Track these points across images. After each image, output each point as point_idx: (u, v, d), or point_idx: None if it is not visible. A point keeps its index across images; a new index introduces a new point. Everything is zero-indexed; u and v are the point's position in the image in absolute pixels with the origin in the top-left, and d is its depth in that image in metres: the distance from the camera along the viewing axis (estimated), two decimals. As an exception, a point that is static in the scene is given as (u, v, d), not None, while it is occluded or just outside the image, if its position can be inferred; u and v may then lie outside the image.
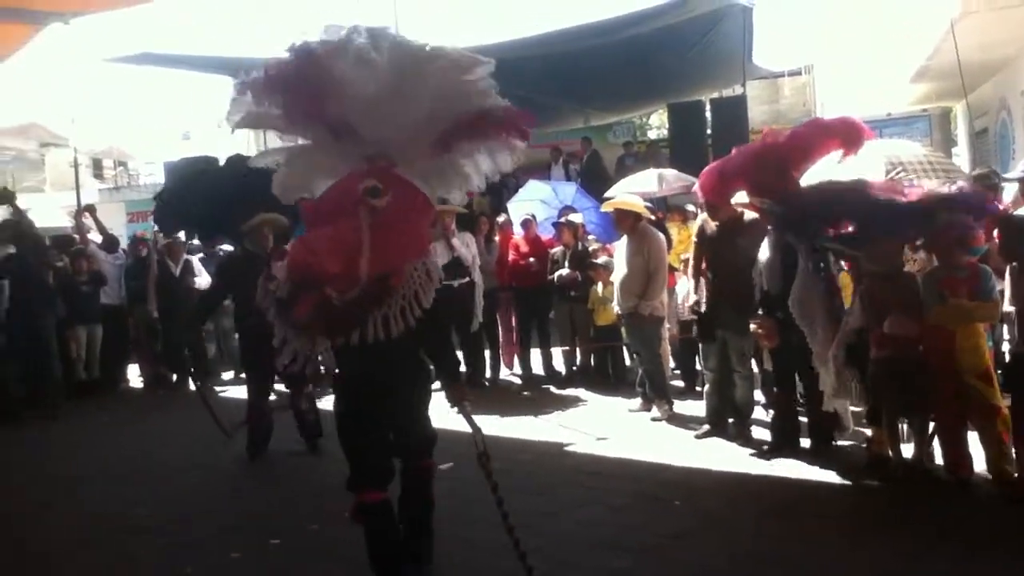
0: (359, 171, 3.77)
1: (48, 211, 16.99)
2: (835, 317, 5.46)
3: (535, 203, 11.07)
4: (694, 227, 7.04)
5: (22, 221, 8.95)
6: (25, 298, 8.52)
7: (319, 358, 4.02)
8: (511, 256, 9.19)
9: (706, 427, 6.50)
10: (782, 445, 5.88)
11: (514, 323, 9.41)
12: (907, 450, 5.28)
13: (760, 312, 5.85)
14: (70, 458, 7.07)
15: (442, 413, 4.36)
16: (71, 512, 5.60)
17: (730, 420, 6.39)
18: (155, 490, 5.95)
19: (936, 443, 5.21)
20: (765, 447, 5.96)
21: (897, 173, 6.04)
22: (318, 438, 6.62)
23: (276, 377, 6.62)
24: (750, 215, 6.21)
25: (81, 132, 27.64)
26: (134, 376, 10.68)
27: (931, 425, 5.18)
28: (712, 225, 6.36)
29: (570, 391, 8.47)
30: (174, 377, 10.21)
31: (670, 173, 11.62)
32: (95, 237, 10.74)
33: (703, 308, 6.41)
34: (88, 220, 10.82)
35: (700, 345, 6.65)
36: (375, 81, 3.68)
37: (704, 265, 6.45)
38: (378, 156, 3.83)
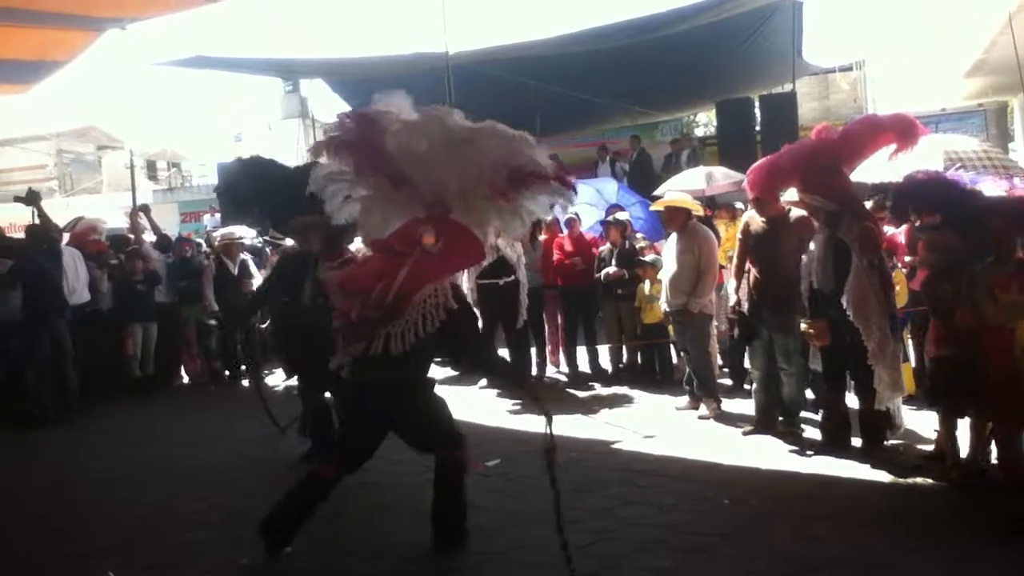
0: (417, 219, 4.34)
1: (105, 212, 17.38)
2: (890, 313, 5.41)
3: (580, 206, 11.04)
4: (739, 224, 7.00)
5: (46, 224, 9.11)
6: (40, 302, 8.40)
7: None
8: (556, 256, 9.21)
9: (754, 425, 6.45)
10: (832, 444, 5.82)
11: (560, 322, 9.42)
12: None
13: (811, 311, 5.80)
14: (127, 453, 7.23)
15: (491, 409, 4.42)
16: (131, 506, 5.72)
17: (779, 419, 6.33)
18: (213, 485, 6.05)
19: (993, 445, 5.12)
20: (815, 446, 5.90)
21: (956, 167, 5.97)
22: None
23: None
24: (796, 212, 6.17)
25: (136, 135, 28.33)
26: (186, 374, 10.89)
27: (988, 426, 5.08)
28: (758, 222, 6.32)
29: (617, 389, 8.46)
30: (227, 374, 10.39)
31: (719, 171, 11.54)
32: (149, 237, 10.97)
33: (744, 307, 6.36)
34: (143, 220, 11.05)
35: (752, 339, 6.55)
36: (430, 146, 4.27)
37: (748, 263, 6.40)
38: (435, 204, 4.37)
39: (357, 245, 6.30)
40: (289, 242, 9.73)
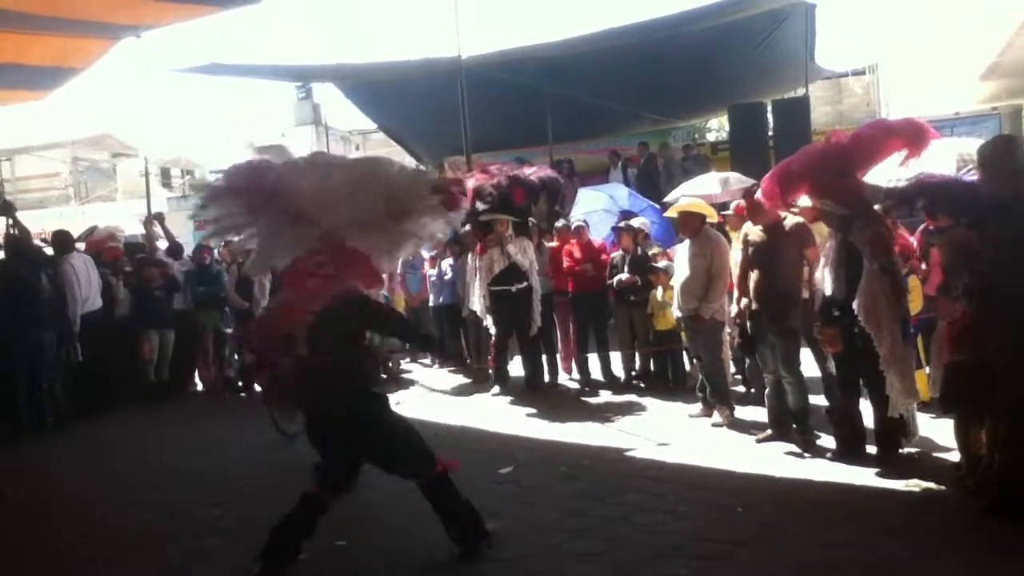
0: (312, 249, 4.51)
1: (120, 219, 17.50)
2: (903, 319, 5.38)
3: (599, 213, 11.05)
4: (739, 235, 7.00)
5: (22, 235, 9.05)
6: (20, 313, 8.32)
7: None
8: (566, 262, 9.21)
9: (768, 432, 6.44)
10: (847, 451, 5.79)
11: (572, 329, 9.41)
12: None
13: (823, 317, 5.79)
14: (141, 458, 7.27)
15: (504, 417, 4.41)
16: (144, 511, 5.76)
17: (793, 426, 6.32)
18: (225, 491, 6.09)
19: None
20: (829, 453, 5.88)
21: (969, 170, 5.93)
22: None
23: None
24: (793, 219, 6.21)
25: (151, 142, 28.50)
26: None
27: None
28: (756, 231, 6.35)
29: (629, 396, 8.44)
30: (240, 383, 10.42)
31: (733, 176, 11.51)
32: (163, 244, 11.04)
33: (746, 319, 6.39)
34: (157, 228, 11.11)
35: (755, 350, 6.55)
36: (326, 180, 4.56)
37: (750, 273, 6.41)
38: (328, 235, 4.52)
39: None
40: None
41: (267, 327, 4.61)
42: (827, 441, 6.08)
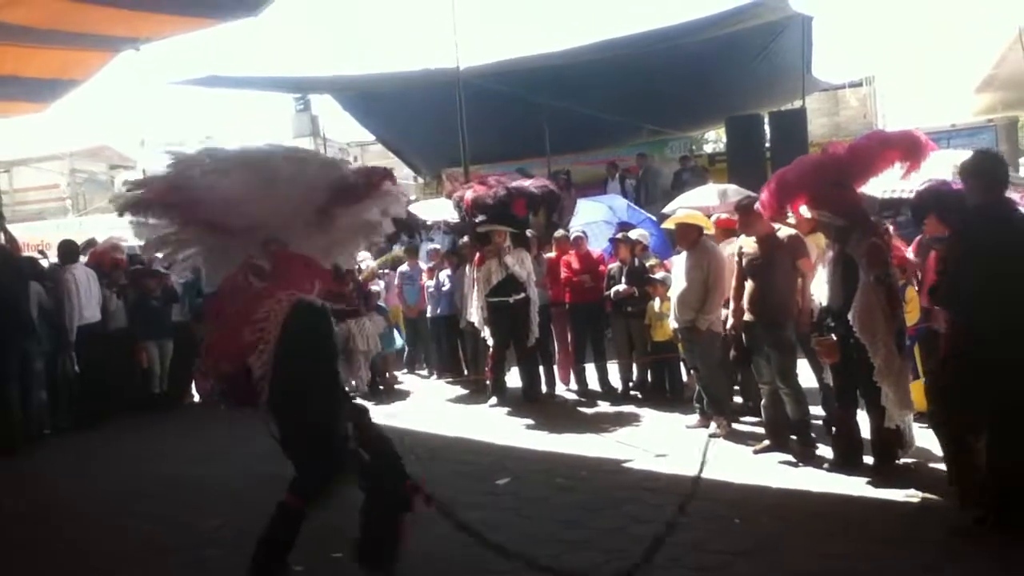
0: (249, 260, 4.35)
1: (117, 231, 17.48)
2: (899, 330, 5.39)
3: (598, 224, 11.06)
4: (730, 248, 7.03)
5: (8, 248, 9.06)
6: (5, 323, 8.24)
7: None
8: (564, 273, 9.22)
9: (765, 443, 6.45)
10: (844, 463, 5.79)
11: (569, 339, 9.42)
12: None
13: (819, 328, 5.81)
14: (140, 469, 7.26)
15: (502, 428, 4.40)
16: (143, 521, 5.75)
17: (792, 437, 6.33)
18: (224, 502, 6.08)
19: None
20: (826, 464, 5.88)
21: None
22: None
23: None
24: (786, 231, 6.24)
25: (148, 154, 28.48)
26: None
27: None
28: (750, 243, 6.40)
29: (627, 407, 8.44)
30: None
31: (732, 188, 11.48)
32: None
33: (740, 331, 6.46)
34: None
35: (751, 361, 6.54)
36: (238, 185, 4.34)
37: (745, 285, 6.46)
38: (270, 240, 4.39)
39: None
40: None
41: (221, 355, 4.34)
42: (825, 452, 6.09)
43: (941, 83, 15.67)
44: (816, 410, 6.57)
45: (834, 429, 6.09)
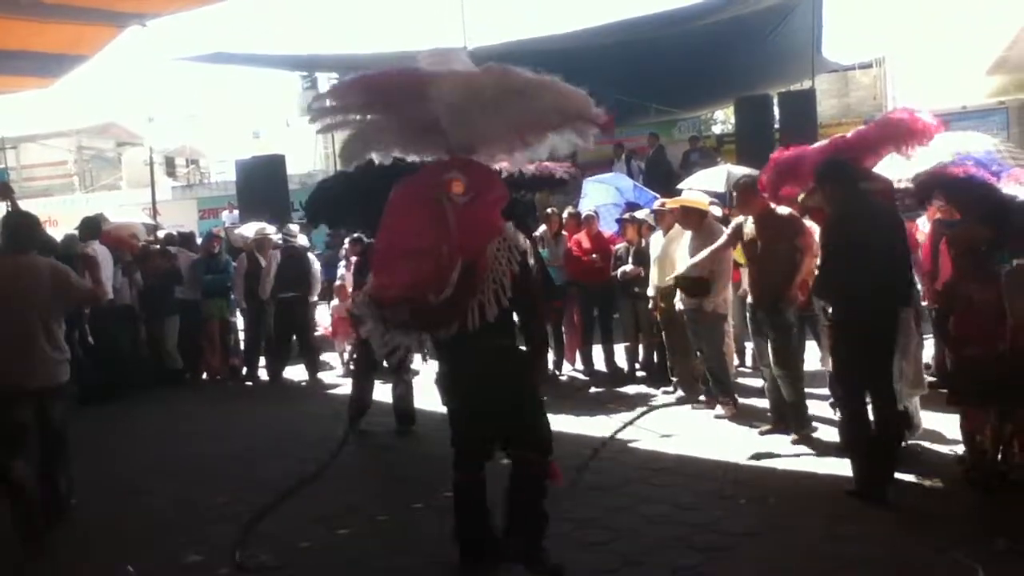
0: (440, 162, 4.01)
1: (125, 208, 17.54)
2: (915, 308, 5.39)
3: (607, 207, 10.97)
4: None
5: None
6: None
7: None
8: (573, 251, 9.19)
9: (770, 424, 6.44)
10: (851, 448, 5.73)
11: (576, 319, 9.41)
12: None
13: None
14: (150, 446, 7.32)
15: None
16: (152, 499, 5.79)
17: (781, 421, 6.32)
18: (233, 479, 6.13)
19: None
20: (832, 449, 5.84)
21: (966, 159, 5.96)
22: (409, 424, 7.18)
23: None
24: (783, 209, 6.16)
25: (155, 131, 28.46)
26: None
27: (1009, 427, 5.03)
28: (748, 224, 6.33)
29: (633, 388, 8.44)
30: (244, 370, 10.44)
31: (739, 170, 11.40)
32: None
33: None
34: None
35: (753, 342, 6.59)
36: (475, 96, 3.84)
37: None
38: (459, 147, 4.02)
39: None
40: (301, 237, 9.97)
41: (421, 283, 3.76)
42: (829, 432, 6.07)
43: (952, 65, 15.58)
44: (823, 390, 6.57)
45: (841, 413, 6.05)
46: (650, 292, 8.08)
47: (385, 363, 6.93)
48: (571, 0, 48.26)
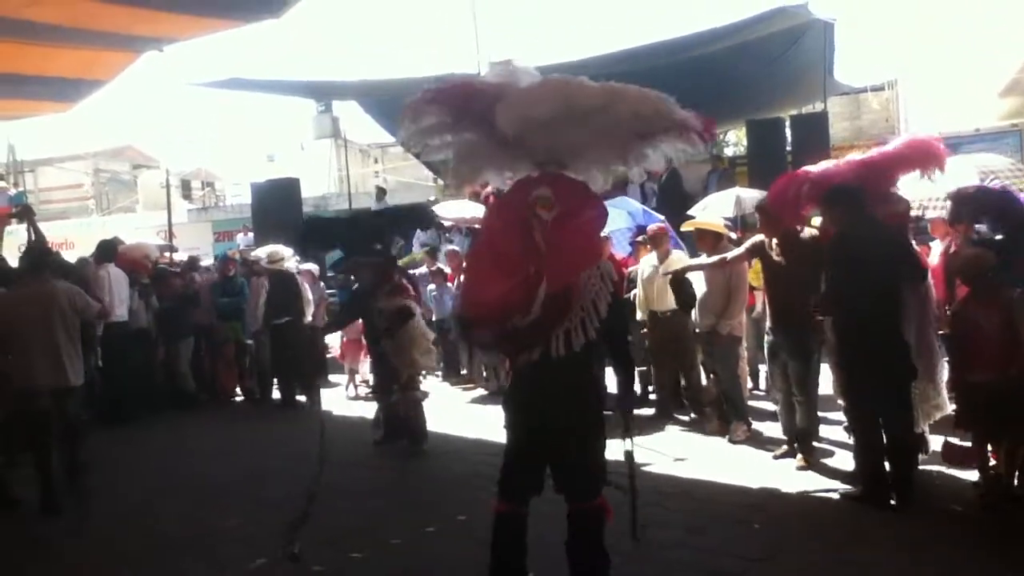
0: (529, 179, 3.87)
1: (141, 231, 17.69)
2: (931, 329, 5.38)
3: (621, 231, 10.91)
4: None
5: (40, 240, 8.96)
6: None
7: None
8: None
9: (784, 448, 6.40)
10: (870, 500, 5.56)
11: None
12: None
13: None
14: (159, 467, 7.33)
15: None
16: (163, 518, 5.80)
17: (794, 446, 6.24)
18: (245, 500, 6.14)
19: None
20: (847, 479, 5.78)
21: (991, 180, 5.96)
22: (421, 443, 7.27)
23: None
24: (808, 231, 6.12)
25: (171, 154, 28.72)
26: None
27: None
28: (771, 244, 6.21)
29: (646, 411, 8.40)
30: (258, 393, 10.46)
31: (748, 195, 11.36)
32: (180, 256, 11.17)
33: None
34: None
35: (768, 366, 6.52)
36: (552, 108, 3.69)
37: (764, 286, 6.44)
38: (549, 162, 3.89)
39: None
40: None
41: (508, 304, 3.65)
42: (843, 459, 6.03)
43: (964, 87, 15.55)
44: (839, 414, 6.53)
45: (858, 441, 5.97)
46: (639, 316, 8.07)
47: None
48: (582, 27, 48.57)
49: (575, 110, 3.69)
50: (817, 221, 6.17)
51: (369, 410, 7.50)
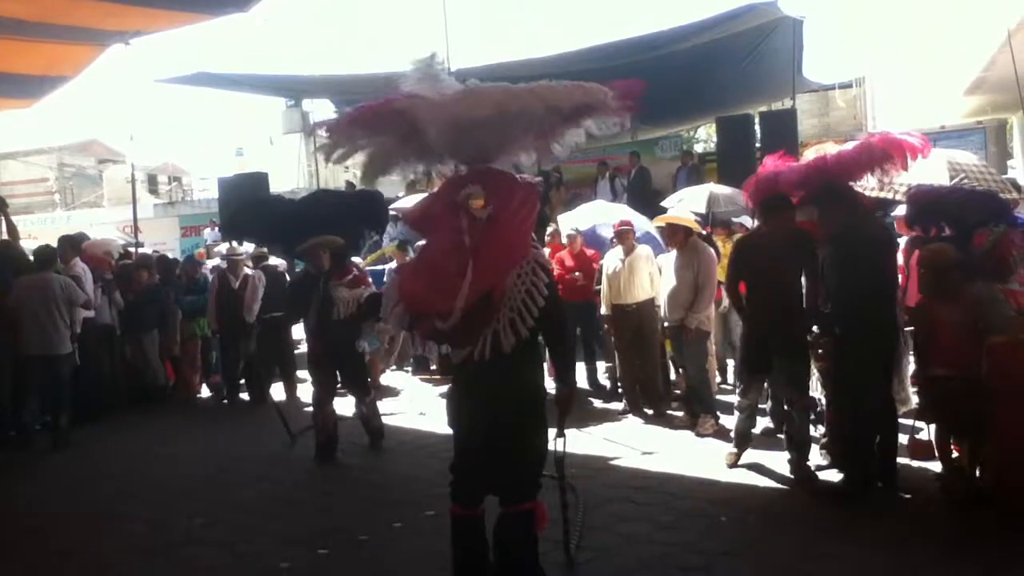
0: (459, 176, 3.83)
1: (106, 227, 17.46)
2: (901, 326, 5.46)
3: (603, 226, 10.92)
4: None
5: (13, 235, 9.23)
6: None
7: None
8: (557, 270, 9.17)
9: (734, 451, 6.09)
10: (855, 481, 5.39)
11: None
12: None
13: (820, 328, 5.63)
14: (126, 468, 7.23)
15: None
16: (129, 521, 5.72)
17: (787, 458, 5.84)
18: (213, 501, 6.07)
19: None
20: (815, 465, 5.82)
21: (962, 179, 6.01)
22: (380, 440, 7.24)
23: (339, 385, 7.13)
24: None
25: (138, 149, 28.32)
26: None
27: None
28: (755, 239, 6.12)
29: (615, 405, 8.44)
30: (225, 390, 10.35)
31: (722, 192, 11.32)
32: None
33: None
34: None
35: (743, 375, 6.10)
36: (486, 116, 3.65)
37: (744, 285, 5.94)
38: (475, 158, 3.84)
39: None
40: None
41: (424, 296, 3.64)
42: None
43: (931, 85, 15.71)
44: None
45: (819, 429, 6.03)
46: (603, 311, 8.05)
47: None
48: (553, 25, 48.58)
49: (506, 115, 3.66)
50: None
51: (344, 406, 7.39)
